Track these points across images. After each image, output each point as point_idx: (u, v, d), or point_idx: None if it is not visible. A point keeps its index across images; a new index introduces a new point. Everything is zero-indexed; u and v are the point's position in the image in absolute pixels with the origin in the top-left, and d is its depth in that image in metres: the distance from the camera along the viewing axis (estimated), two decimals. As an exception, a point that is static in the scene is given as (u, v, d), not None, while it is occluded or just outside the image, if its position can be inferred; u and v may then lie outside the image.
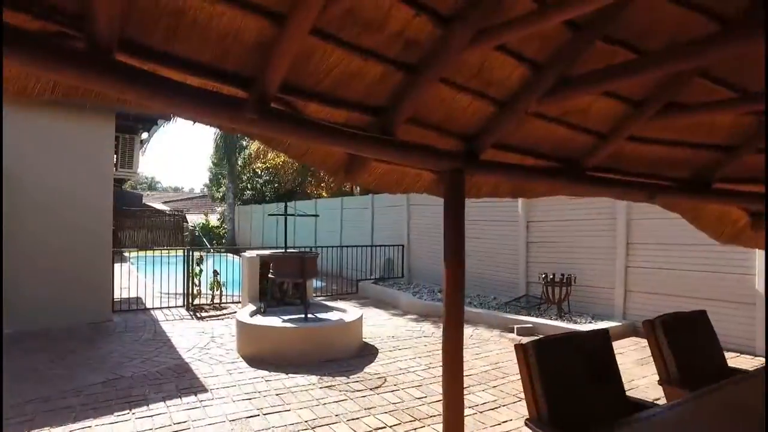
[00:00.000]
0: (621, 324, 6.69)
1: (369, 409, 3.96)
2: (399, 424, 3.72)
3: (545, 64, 2.55)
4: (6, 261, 5.84)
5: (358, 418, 3.77)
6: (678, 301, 6.34)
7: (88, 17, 1.52)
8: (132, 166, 8.31)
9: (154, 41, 1.72)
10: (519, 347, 2.25)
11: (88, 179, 6.73)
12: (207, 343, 5.91)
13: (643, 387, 4.59)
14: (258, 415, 3.78)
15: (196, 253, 8.52)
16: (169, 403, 3.98)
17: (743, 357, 5.53)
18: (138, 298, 8.68)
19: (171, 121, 22.56)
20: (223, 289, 8.73)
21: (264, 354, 5.17)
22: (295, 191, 25.96)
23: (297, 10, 1.74)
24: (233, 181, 22.79)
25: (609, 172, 3.49)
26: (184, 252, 8.25)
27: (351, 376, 4.76)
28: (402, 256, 10.97)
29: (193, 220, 27.47)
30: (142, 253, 20.86)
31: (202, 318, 7.40)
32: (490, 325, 7.12)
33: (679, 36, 2.32)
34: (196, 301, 8.43)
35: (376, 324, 7.23)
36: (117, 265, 9.19)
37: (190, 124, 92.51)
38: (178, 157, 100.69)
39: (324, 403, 4.04)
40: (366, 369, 5.03)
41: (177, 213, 26.54)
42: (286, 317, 5.82)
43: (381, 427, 3.64)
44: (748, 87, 2.71)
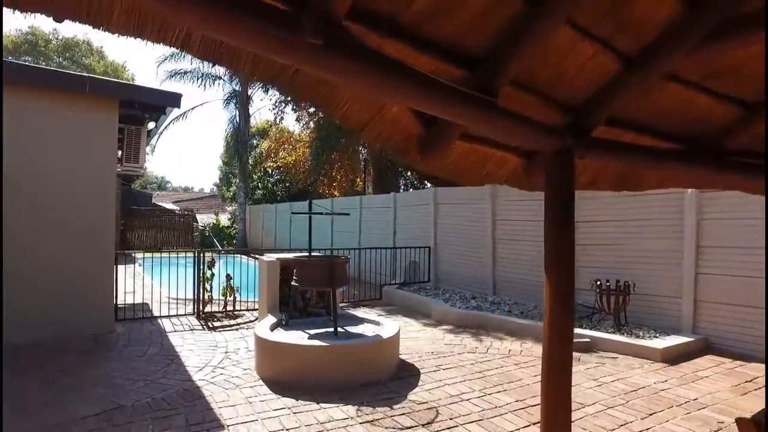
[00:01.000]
0: (692, 339, 5.83)
1: (426, 455, 3.16)
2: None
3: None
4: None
5: (415, 470, 2.96)
6: (759, 315, 5.48)
7: None
8: (138, 160, 7.58)
9: None
10: (745, 423, 1.42)
11: (86, 174, 5.99)
12: (221, 361, 5.13)
13: None
14: (288, 464, 2.99)
15: (207, 256, 7.76)
16: (176, 445, 3.21)
17: None
18: (144, 305, 7.94)
19: (180, 116, 21.95)
20: (237, 294, 7.97)
21: (288, 376, 4.38)
22: (307, 190, 25.26)
23: None
24: (244, 180, 22.09)
25: (753, 157, 2.67)
26: (195, 254, 7.50)
27: (395, 406, 3.95)
28: (428, 258, 10.15)
29: (203, 219, 26.84)
30: (150, 254, 20.27)
31: (214, 328, 6.64)
32: (537, 337, 6.28)
33: None
34: (208, 308, 7.68)
35: (408, 336, 6.42)
36: (124, 267, 8.49)
37: (200, 121, 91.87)
38: (188, 157, 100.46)
39: (369, 447, 3.25)
40: (410, 396, 4.22)
41: (187, 213, 25.92)
42: (311, 331, 5.03)
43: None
44: None
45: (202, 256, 7.51)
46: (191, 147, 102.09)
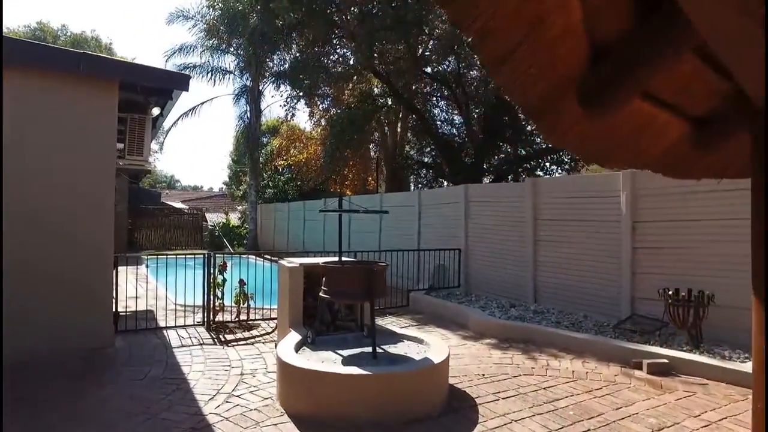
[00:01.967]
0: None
1: None
2: None
3: None
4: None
5: None
6: None
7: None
8: (143, 153, 6.82)
9: None
10: None
11: (80, 171, 5.21)
12: (236, 386, 4.32)
13: None
14: None
15: (219, 258, 6.97)
16: None
17: None
18: (148, 312, 7.18)
19: (190, 111, 21.21)
20: (251, 301, 7.18)
21: (319, 411, 3.56)
22: (318, 189, 24.51)
23: None
24: (255, 178, 21.34)
25: None
26: (204, 258, 6.71)
27: (458, 456, 3.12)
28: (458, 261, 9.30)
29: (213, 219, 26.16)
30: (156, 256, 19.56)
31: (226, 342, 5.84)
32: (599, 355, 5.41)
33: None
34: (219, 317, 6.89)
35: (450, 352, 5.57)
36: (128, 269, 7.78)
37: (209, 119, 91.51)
38: (197, 155, 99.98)
39: None
40: (473, 439, 3.39)
41: (196, 212, 25.26)
42: (344, 352, 4.21)
43: None
44: None
45: (212, 259, 6.72)
46: (200, 145, 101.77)
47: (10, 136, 4.67)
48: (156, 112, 6.10)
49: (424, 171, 23.52)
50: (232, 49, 20.16)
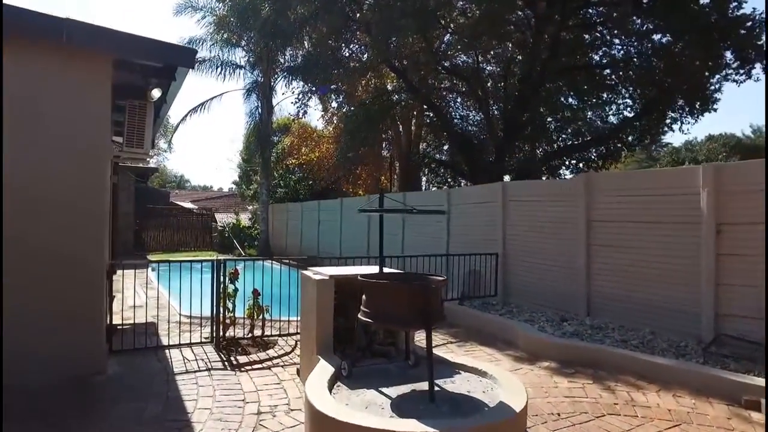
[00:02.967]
0: None
1: None
2: None
3: None
4: None
5: None
6: None
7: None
8: (143, 144, 5.95)
9: None
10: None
11: (63, 168, 4.33)
12: (253, 430, 3.42)
13: None
14: None
15: (230, 265, 6.07)
16: None
17: None
18: (150, 326, 6.31)
19: (199, 107, 20.34)
20: (266, 314, 6.28)
21: (366, 479, 2.65)
22: (330, 189, 23.68)
23: None
24: (267, 177, 20.51)
25: None
26: (213, 265, 5.82)
27: None
28: (494, 267, 8.34)
29: (222, 219, 25.38)
30: (166, 256, 18.76)
31: (239, 366, 4.93)
32: (690, 387, 4.41)
33: None
34: (230, 332, 6.01)
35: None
36: (139, 272, 6.94)
37: (219, 117, 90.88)
38: (207, 155, 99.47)
39: None
40: None
41: (205, 212, 24.51)
42: (391, 390, 3.28)
43: None
44: None
45: (222, 266, 5.83)
46: (210, 144, 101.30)
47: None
48: (157, 94, 5.23)
49: (441, 170, 22.54)
50: (243, 42, 19.36)
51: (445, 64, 17.65)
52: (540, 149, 19.20)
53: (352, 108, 18.83)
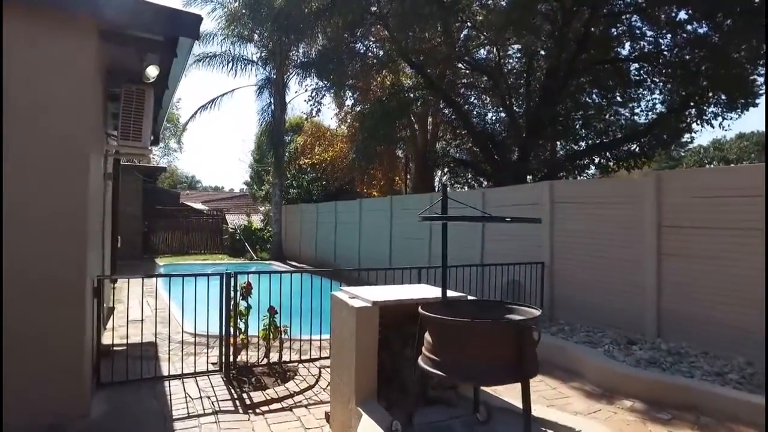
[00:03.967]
0: None
1: None
2: None
3: None
4: None
5: None
6: None
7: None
8: (140, 137, 5.07)
9: None
10: None
11: (29, 157, 3.46)
12: None
13: None
14: None
15: (242, 278, 5.16)
16: None
17: None
18: (150, 347, 5.42)
19: (209, 103, 19.52)
20: (284, 334, 5.37)
21: None
22: (344, 189, 22.81)
23: None
24: (280, 177, 19.66)
25: None
26: (222, 278, 4.90)
27: None
28: (540, 278, 7.35)
29: (234, 221, 24.58)
30: (174, 260, 17.97)
31: (253, 406, 4.01)
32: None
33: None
34: (242, 356, 5.12)
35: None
36: (147, 279, 6.11)
37: (230, 116, 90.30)
38: (218, 155, 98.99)
39: None
40: None
41: (216, 213, 23.74)
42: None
43: None
44: None
45: (233, 280, 4.92)
46: (221, 145, 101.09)
47: None
48: (153, 72, 4.33)
49: (460, 169, 21.51)
50: (256, 36, 18.56)
51: (466, 59, 16.75)
52: (567, 147, 18.20)
53: (367, 106, 18.02)
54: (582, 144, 17.66)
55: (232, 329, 4.93)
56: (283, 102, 19.27)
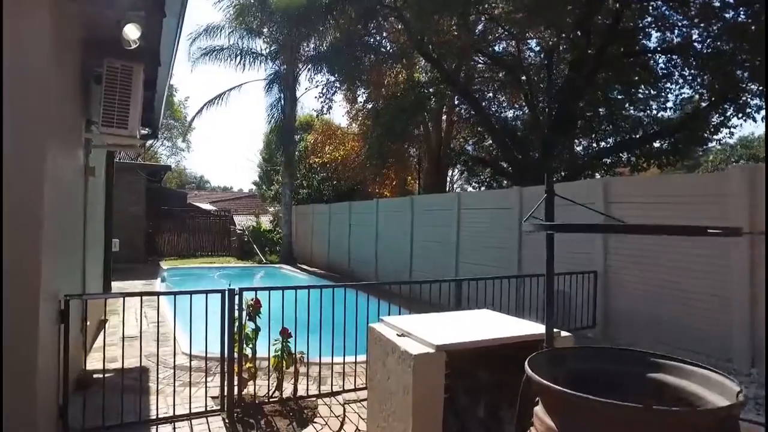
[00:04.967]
0: None
1: None
2: None
3: None
4: None
5: None
6: None
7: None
8: (127, 123, 4.20)
9: None
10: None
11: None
12: None
13: None
14: None
15: (248, 295, 4.22)
16: None
17: None
18: (140, 374, 4.49)
19: (216, 98, 18.68)
20: (299, 363, 4.42)
21: None
22: (356, 189, 21.92)
23: None
24: (290, 176, 18.78)
25: None
26: (224, 295, 3.96)
27: None
28: (592, 289, 6.37)
29: (242, 222, 23.74)
30: (179, 263, 17.13)
31: (263, 466, 3.08)
32: None
33: None
34: (248, 388, 4.20)
35: None
36: (148, 284, 5.25)
37: (238, 114, 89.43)
38: (226, 155, 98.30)
39: None
40: None
41: (224, 214, 22.91)
42: None
43: None
44: None
45: (239, 298, 4.00)
46: (230, 145, 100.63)
47: None
48: (133, 34, 3.41)
49: (478, 168, 20.48)
50: (265, 29, 17.73)
51: (484, 51, 15.82)
52: (594, 144, 17.18)
53: (380, 102, 17.17)
54: (609, 141, 16.64)
55: (237, 355, 4.01)
56: (293, 97, 18.40)
